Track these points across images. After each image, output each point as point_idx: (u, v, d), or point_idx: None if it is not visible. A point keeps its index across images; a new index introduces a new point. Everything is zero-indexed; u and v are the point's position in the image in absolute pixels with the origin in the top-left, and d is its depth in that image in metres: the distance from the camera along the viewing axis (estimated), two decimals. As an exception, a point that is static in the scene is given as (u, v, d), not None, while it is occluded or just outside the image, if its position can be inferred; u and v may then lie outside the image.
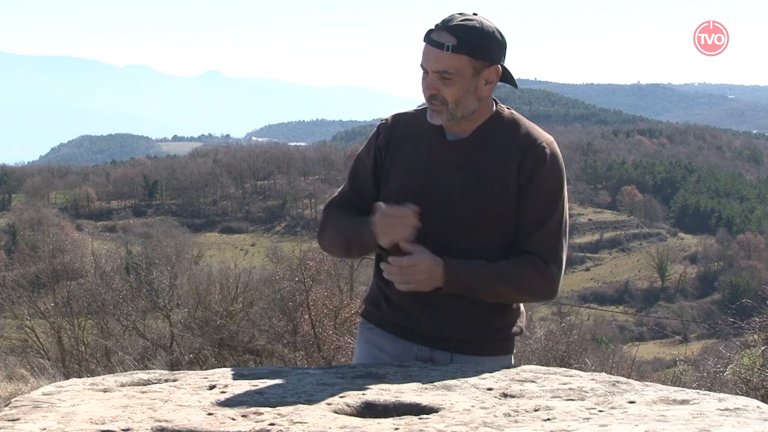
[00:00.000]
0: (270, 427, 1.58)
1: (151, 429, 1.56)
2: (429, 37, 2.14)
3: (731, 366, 9.82)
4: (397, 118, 2.35)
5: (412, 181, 2.23)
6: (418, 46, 2.21)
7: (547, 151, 2.21)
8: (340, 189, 2.42)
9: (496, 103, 2.29)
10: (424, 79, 2.18)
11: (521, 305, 2.34)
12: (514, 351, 2.35)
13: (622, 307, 70.35)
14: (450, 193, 2.20)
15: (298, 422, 1.60)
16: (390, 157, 2.29)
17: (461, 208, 2.19)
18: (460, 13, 2.16)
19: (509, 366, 2.16)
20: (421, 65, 2.17)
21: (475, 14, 2.18)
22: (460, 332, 2.22)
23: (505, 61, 2.23)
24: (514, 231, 2.21)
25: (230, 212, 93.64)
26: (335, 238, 2.34)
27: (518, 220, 2.20)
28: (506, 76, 2.24)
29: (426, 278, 2.14)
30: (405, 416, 1.69)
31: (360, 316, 2.45)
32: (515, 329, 2.30)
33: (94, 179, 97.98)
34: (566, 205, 2.25)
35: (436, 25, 2.14)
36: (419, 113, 2.34)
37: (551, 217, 2.20)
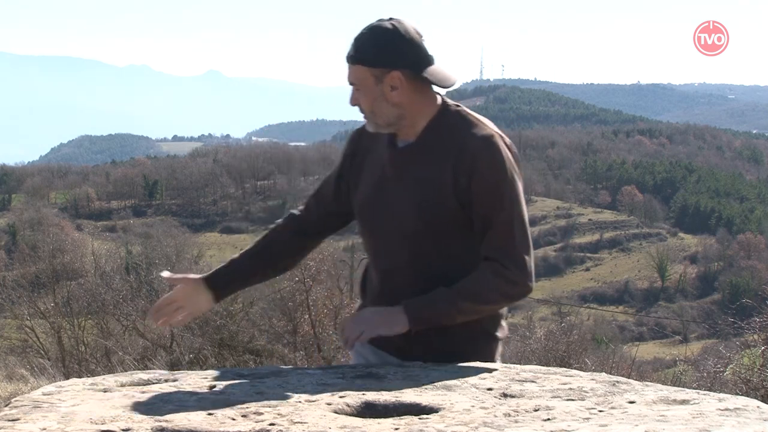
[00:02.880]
0: (270, 427, 1.58)
1: (151, 429, 1.56)
2: (349, 51, 2.17)
3: (731, 366, 9.83)
4: (364, 129, 2.32)
5: (367, 195, 2.24)
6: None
7: (481, 145, 2.10)
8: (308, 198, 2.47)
9: (445, 103, 2.21)
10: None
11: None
12: (499, 354, 2.29)
13: (622, 307, 70.35)
14: (394, 205, 2.17)
15: (298, 422, 1.61)
16: (355, 169, 2.30)
17: (406, 219, 2.15)
18: (371, 26, 2.14)
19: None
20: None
21: (390, 19, 2.13)
22: (435, 342, 2.17)
23: (428, 62, 2.13)
24: (469, 236, 2.15)
25: (230, 212, 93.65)
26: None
27: (474, 225, 2.14)
28: (431, 77, 2.13)
29: (387, 326, 2.12)
30: (405, 416, 1.69)
31: None
32: (500, 332, 2.26)
33: (94, 179, 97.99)
34: (518, 197, 2.12)
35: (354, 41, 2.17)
36: None
37: (498, 215, 2.09)
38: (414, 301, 2.12)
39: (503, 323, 2.30)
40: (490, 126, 2.18)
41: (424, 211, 2.13)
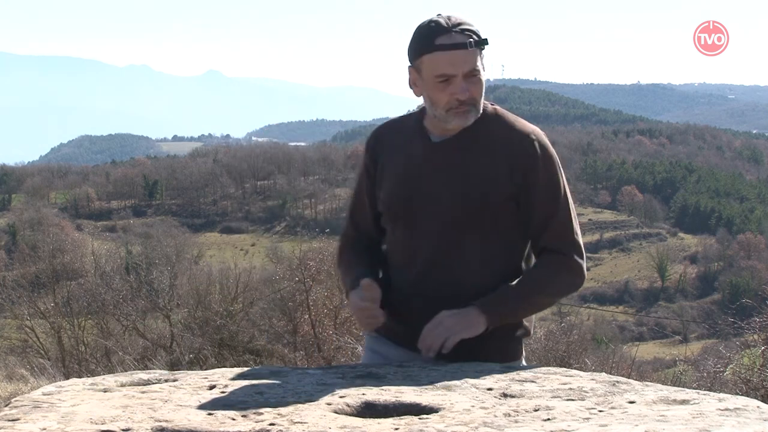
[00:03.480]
0: (270, 427, 1.58)
1: (151, 429, 1.56)
2: (451, 41, 2.05)
3: (731, 366, 9.83)
4: (379, 131, 2.34)
5: (399, 188, 2.21)
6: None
7: (536, 143, 2.15)
8: (346, 217, 2.44)
9: None
10: (447, 85, 2.08)
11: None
12: (524, 354, 2.30)
13: (622, 307, 70.43)
14: (438, 196, 2.15)
15: (298, 422, 1.61)
16: (379, 172, 2.27)
17: (450, 211, 2.14)
18: (446, 17, 2.10)
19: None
20: (443, 73, 2.07)
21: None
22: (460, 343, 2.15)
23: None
24: (510, 230, 2.18)
25: (230, 212, 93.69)
26: (344, 281, 2.39)
27: (529, 219, 2.17)
28: None
29: (467, 329, 2.10)
30: (405, 416, 1.69)
31: None
32: (520, 332, 2.26)
33: (94, 179, 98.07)
34: (566, 185, 2.21)
35: (446, 30, 2.06)
36: (404, 119, 2.31)
37: (559, 209, 2.17)
38: (488, 300, 2.12)
39: (528, 323, 2.31)
40: (529, 123, 2.23)
41: (469, 202, 2.13)
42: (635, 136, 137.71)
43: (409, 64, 2.15)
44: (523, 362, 2.29)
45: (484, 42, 2.08)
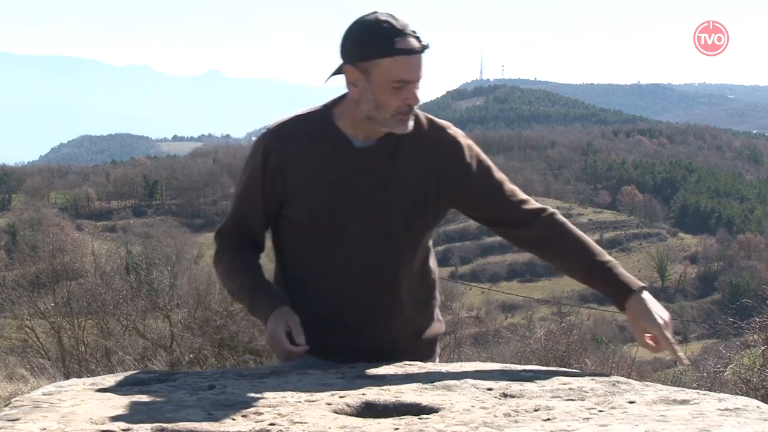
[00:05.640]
0: (270, 427, 1.58)
1: (151, 429, 1.56)
2: (411, 46, 1.98)
3: (731, 366, 9.82)
4: (281, 132, 2.14)
5: (324, 197, 2.08)
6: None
7: (459, 140, 2.16)
8: (230, 214, 2.25)
9: None
10: (401, 91, 2.01)
11: (437, 308, 2.30)
12: (437, 352, 2.32)
13: (622, 307, 70.22)
14: (369, 205, 2.08)
15: (298, 422, 1.61)
16: (291, 177, 2.11)
17: (382, 219, 2.08)
18: (391, 16, 2.01)
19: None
20: (402, 79, 1.99)
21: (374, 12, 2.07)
22: (385, 345, 2.15)
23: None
24: (431, 230, 2.19)
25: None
26: (226, 282, 2.24)
27: (492, 203, 2.17)
28: None
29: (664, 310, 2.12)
30: (405, 416, 1.69)
31: None
32: (435, 329, 2.28)
33: (94, 179, 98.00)
34: (492, 164, 2.23)
35: (403, 33, 1.98)
36: (305, 118, 2.16)
37: (503, 181, 2.19)
38: (630, 278, 2.12)
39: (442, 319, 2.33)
40: (440, 119, 2.22)
41: (401, 207, 2.10)
42: (635, 136, 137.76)
43: (350, 63, 2.03)
44: (437, 360, 2.30)
45: (428, 46, 2.02)
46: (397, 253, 2.12)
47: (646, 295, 2.10)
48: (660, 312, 2.08)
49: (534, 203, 2.20)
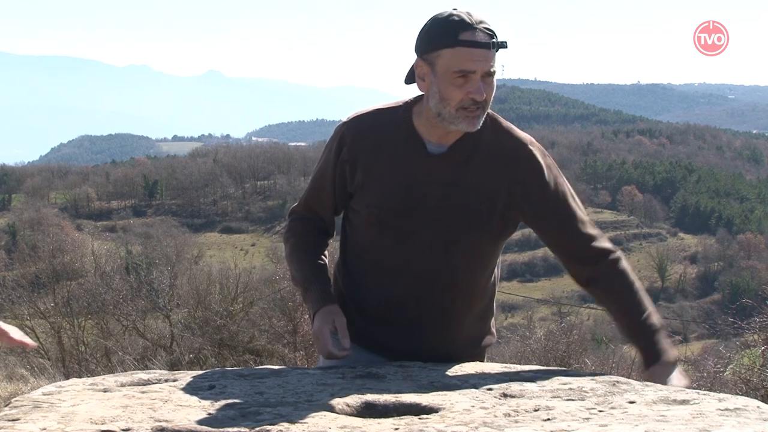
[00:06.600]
0: (270, 427, 1.58)
1: (151, 429, 1.56)
2: (475, 38, 1.95)
3: (731, 366, 9.83)
4: (359, 124, 2.15)
5: (394, 198, 2.08)
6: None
7: (538, 156, 2.11)
8: (303, 196, 2.29)
9: None
10: (464, 83, 1.98)
11: (492, 319, 2.30)
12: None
13: (622, 307, 70.18)
14: (437, 212, 2.07)
15: (298, 422, 1.61)
16: (361, 171, 2.12)
17: (449, 227, 2.08)
18: (466, 12, 2.01)
19: None
20: (462, 69, 1.96)
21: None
22: (440, 350, 2.16)
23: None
24: (499, 243, 2.16)
25: (230, 212, 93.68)
26: (288, 264, 2.28)
27: (560, 230, 2.13)
28: None
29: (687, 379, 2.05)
30: (405, 416, 1.69)
31: None
32: (487, 341, 2.29)
33: (94, 179, 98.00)
34: (571, 188, 2.17)
35: (471, 27, 1.96)
36: (385, 113, 2.15)
37: (577, 208, 2.13)
38: (664, 341, 2.08)
39: (495, 331, 2.34)
40: (523, 132, 2.17)
41: (469, 218, 2.08)
42: (635, 136, 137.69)
43: (419, 56, 2.04)
44: None
45: (504, 45, 1.99)
46: (458, 260, 2.12)
47: (675, 367, 2.05)
48: (678, 384, 2.00)
49: (602, 241, 2.14)
